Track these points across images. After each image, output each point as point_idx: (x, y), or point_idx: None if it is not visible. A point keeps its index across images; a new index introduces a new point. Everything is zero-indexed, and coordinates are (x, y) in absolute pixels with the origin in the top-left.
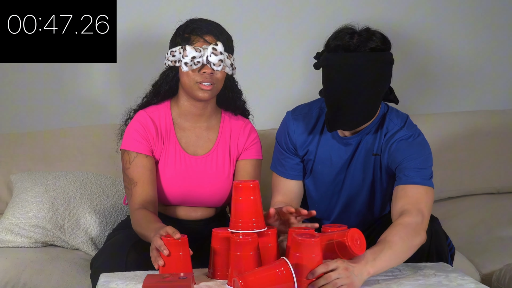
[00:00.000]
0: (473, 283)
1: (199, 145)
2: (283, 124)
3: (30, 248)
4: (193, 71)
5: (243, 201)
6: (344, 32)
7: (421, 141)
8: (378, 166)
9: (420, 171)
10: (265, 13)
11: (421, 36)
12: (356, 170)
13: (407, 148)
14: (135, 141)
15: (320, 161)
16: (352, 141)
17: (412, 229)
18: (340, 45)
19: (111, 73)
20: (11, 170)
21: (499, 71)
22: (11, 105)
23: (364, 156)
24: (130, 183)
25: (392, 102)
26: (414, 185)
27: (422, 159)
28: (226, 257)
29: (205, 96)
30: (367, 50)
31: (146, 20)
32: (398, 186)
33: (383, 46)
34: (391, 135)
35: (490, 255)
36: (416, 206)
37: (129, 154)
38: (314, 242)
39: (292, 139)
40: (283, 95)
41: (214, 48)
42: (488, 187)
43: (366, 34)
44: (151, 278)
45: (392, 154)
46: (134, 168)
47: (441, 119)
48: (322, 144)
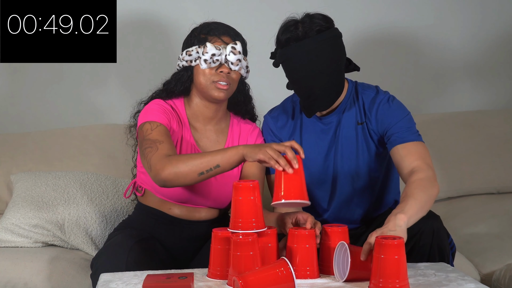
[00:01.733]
0: (473, 283)
1: (208, 147)
2: (265, 126)
3: (30, 248)
4: (210, 69)
5: (243, 201)
6: (288, 25)
7: (398, 102)
8: (367, 134)
9: (410, 129)
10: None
11: (421, 36)
12: (345, 144)
13: (390, 110)
14: (157, 113)
15: (308, 146)
16: (332, 118)
17: (429, 182)
18: (289, 37)
19: (111, 73)
20: (11, 170)
21: (499, 71)
22: (11, 105)
23: (348, 129)
24: (155, 142)
25: (354, 70)
26: (413, 142)
27: (407, 118)
28: (226, 257)
29: (221, 95)
30: (314, 34)
31: (146, 20)
32: (397, 146)
33: (327, 25)
34: (371, 101)
35: (490, 255)
36: (424, 161)
37: (151, 124)
38: (398, 243)
39: (277, 135)
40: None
41: (233, 47)
42: (488, 187)
43: (308, 20)
44: (151, 278)
45: (379, 118)
46: (158, 132)
47: (441, 119)
48: (305, 131)
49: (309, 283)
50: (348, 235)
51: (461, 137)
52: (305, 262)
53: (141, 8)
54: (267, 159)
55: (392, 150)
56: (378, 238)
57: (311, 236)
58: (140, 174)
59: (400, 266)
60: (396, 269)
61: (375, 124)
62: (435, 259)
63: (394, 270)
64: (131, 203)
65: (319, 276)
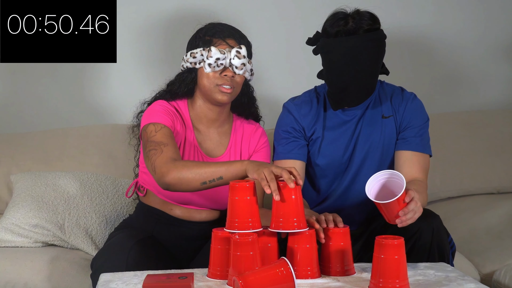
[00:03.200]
0: (473, 283)
1: (211, 148)
2: (286, 112)
3: (30, 248)
4: (214, 73)
5: (239, 201)
6: (338, 17)
7: (422, 104)
8: (393, 127)
9: (425, 139)
10: (266, 17)
11: (421, 36)
12: (367, 138)
13: (416, 109)
14: (160, 115)
15: (330, 137)
16: (356, 112)
17: (425, 190)
18: (339, 30)
19: (111, 73)
20: (11, 170)
21: (499, 71)
22: (11, 105)
23: (371, 122)
24: (159, 145)
25: (384, 74)
26: (423, 153)
27: (426, 125)
28: (226, 257)
29: (224, 99)
30: (364, 32)
31: (146, 19)
32: (408, 151)
33: (376, 25)
34: (400, 97)
35: (490, 255)
36: (425, 176)
37: (155, 125)
38: (398, 243)
39: (300, 122)
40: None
41: (238, 51)
42: (488, 187)
43: (358, 16)
44: (151, 278)
45: (406, 113)
46: (162, 135)
47: (441, 119)
48: (328, 121)
49: (309, 283)
50: (350, 236)
51: (461, 137)
52: (305, 262)
53: (141, 8)
54: (259, 179)
55: (401, 151)
56: (378, 238)
57: (312, 236)
58: (142, 174)
59: (400, 266)
60: (396, 269)
61: (400, 119)
62: (435, 258)
63: (394, 270)
64: (131, 203)
65: (320, 276)
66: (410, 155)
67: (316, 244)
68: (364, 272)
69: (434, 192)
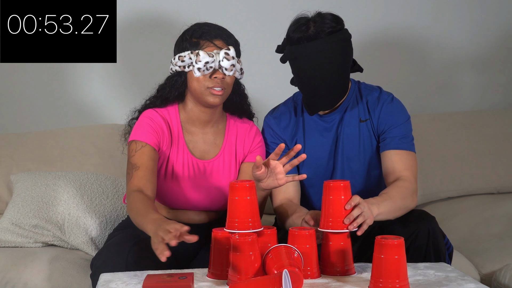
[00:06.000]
0: (473, 283)
1: (206, 150)
2: (266, 127)
3: (30, 248)
4: (204, 76)
5: (239, 201)
6: (300, 23)
7: (401, 104)
8: (371, 131)
9: (407, 137)
10: (261, 16)
11: (421, 36)
12: (348, 142)
13: (393, 111)
14: (145, 132)
15: (311, 144)
16: (334, 116)
17: (410, 193)
18: (301, 37)
19: (111, 73)
20: (11, 170)
21: (499, 71)
22: (11, 105)
23: (350, 126)
24: (132, 168)
25: (358, 71)
26: (406, 151)
27: (407, 123)
28: (226, 257)
29: (216, 101)
30: (326, 35)
31: (146, 20)
32: (390, 151)
33: (338, 26)
34: (375, 100)
35: (490, 255)
36: (412, 173)
37: (137, 144)
38: (398, 243)
39: (280, 135)
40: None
41: (226, 53)
42: (488, 187)
43: (320, 19)
44: (151, 278)
45: (382, 117)
46: (139, 155)
47: (441, 119)
48: (308, 129)
49: (309, 283)
50: (350, 236)
51: (461, 137)
52: (305, 262)
53: (141, 8)
54: (156, 242)
55: (385, 152)
56: (378, 238)
57: (312, 236)
58: None
59: (400, 266)
60: (396, 269)
61: (377, 122)
62: (431, 260)
63: (394, 270)
64: None
65: (320, 276)
66: (393, 154)
67: (316, 244)
68: (364, 272)
69: (434, 192)
